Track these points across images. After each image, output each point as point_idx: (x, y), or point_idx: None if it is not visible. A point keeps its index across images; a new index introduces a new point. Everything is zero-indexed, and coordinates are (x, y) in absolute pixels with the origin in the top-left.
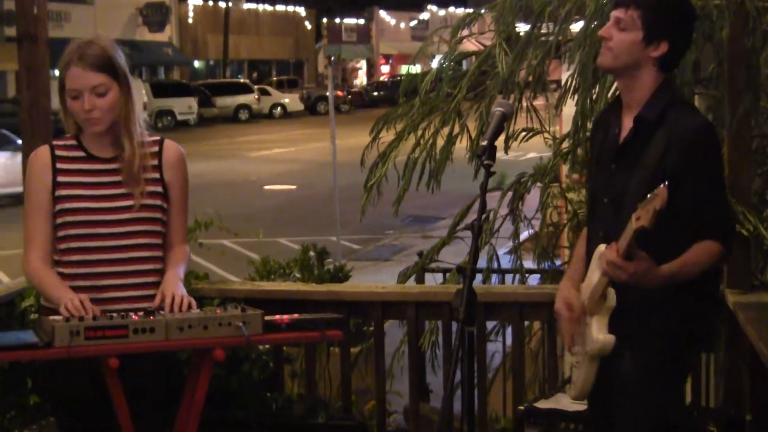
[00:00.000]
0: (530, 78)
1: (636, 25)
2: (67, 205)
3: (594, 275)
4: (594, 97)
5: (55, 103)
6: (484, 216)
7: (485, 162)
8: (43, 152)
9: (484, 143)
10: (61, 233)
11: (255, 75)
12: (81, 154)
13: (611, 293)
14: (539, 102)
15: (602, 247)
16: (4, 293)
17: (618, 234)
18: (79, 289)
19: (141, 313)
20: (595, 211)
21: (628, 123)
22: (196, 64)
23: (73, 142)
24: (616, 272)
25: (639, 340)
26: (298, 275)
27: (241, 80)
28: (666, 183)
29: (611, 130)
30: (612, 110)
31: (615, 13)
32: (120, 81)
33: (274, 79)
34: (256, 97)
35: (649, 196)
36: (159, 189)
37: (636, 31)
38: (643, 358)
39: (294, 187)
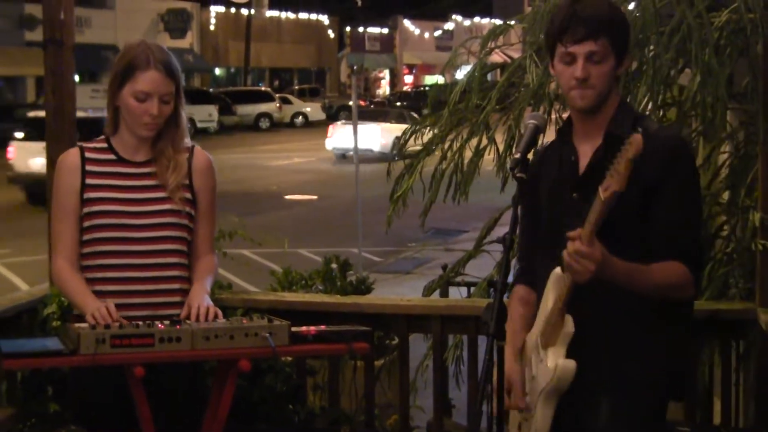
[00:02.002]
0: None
1: (609, 53)
2: (96, 208)
3: (549, 302)
4: None
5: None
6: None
7: (518, 175)
8: (72, 154)
9: (517, 156)
10: (87, 236)
11: (276, 83)
12: (111, 156)
13: (569, 319)
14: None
15: (558, 269)
16: (27, 300)
17: None
18: (105, 293)
19: (167, 322)
20: (547, 248)
21: (585, 150)
22: (217, 71)
23: (103, 144)
24: (582, 263)
25: (617, 385)
26: (320, 287)
27: (263, 88)
28: (640, 130)
29: (564, 159)
30: (559, 143)
31: (583, 48)
32: (178, 90)
33: (296, 87)
34: (278, 105)
35: (618, 154)
36: (188, 195)
37: (610, 58)
38: (624, 409)
39: (315, 197)
